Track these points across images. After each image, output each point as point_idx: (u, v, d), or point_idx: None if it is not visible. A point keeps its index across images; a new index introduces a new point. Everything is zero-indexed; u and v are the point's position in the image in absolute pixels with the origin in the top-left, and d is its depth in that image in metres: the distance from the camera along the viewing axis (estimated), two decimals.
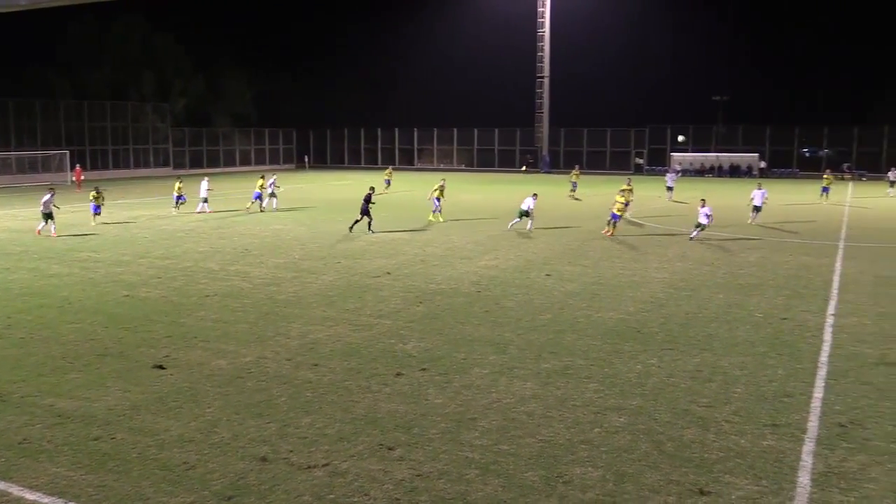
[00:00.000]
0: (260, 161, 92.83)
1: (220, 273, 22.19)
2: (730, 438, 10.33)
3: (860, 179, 72.62)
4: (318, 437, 10.30)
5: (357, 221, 31.16)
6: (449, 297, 19.09)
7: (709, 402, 11.71)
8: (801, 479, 9.13)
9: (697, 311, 17.85)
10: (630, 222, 35.28)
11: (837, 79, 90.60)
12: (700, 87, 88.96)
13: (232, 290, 19.75)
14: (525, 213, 31.83)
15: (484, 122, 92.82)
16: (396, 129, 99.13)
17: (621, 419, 11.00)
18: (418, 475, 9.17)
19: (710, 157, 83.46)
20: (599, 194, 50.29)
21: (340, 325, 16.22)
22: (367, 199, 31.17)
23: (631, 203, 37.94)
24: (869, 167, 77.28)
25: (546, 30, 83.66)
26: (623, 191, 36.38)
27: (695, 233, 29.80)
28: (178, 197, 39.25)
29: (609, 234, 30.70)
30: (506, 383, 12.56)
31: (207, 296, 19.12)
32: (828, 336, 15.66)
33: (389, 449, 9.91)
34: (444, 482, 8.99)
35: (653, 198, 48.43)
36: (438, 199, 35.98)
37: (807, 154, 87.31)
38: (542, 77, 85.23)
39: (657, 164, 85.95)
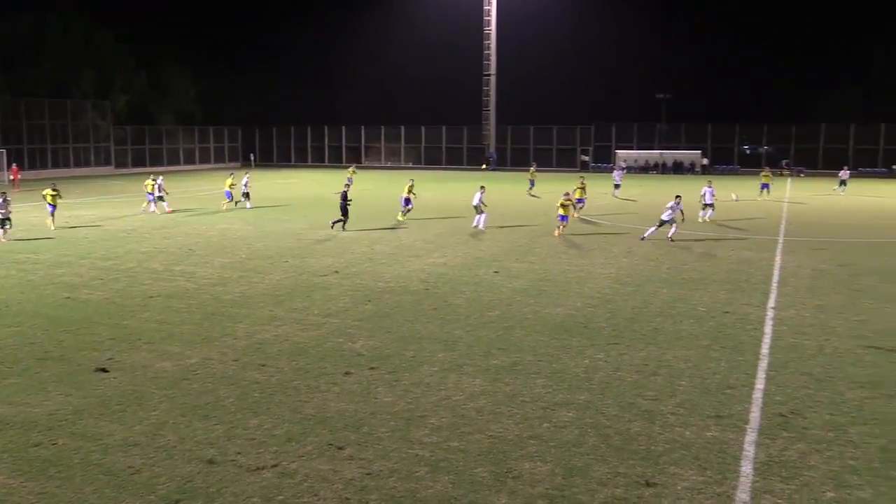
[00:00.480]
0: (204, 160, 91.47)
1: (165, 273, 21.80)
2: (675, 430, 10.50)
3: (798, 176, 74.45)
4: (266, 437, 10.18)
5: (339, 221, 31.19)
6: (398, 296, 19.05)
7: (654, 396, 11.89)
8: (743, 469, 9.32)
9: (643, 305, 18.10)
10: (583, 220, 35.60)
11: (777, 79, 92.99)
12: (644, 86, 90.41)
13: (177, 291, 19.42)
14: (476, 208, 31.89)
15: (432, 119, 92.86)
16: (343, 127, 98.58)
17: (569, 414, 11.10)
18: (368, 474, 9.13)
19: (654, 155, 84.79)
20: (557, 192, 50.70)
21: (288, 325, 16.07)
22: (344, 198, 31.25)
23: (585, 200, 38.38)
24: (806, 164, 79.33)
25: (492, 28, 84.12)
26: (574, 190, 36.61)
27: (650, 230, 29.01)
28: (151, 195, 38.12)
29: (558, 234, 30.08)
30: (455, 380, 12.59)
31: (151, 297, 18.77)
32: (768, 328, 16.02)
33: (339, 448, 9.85)
34: (394, 480, 8.97)
35: (600, 195, 48.95)
36: (408, 200, 35.50)
37: (747, 151, 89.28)
38: (489, 75, 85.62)
39: (603, 161, 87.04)
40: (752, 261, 24.44)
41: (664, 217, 28.53)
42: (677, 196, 29.09)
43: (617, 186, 49.62)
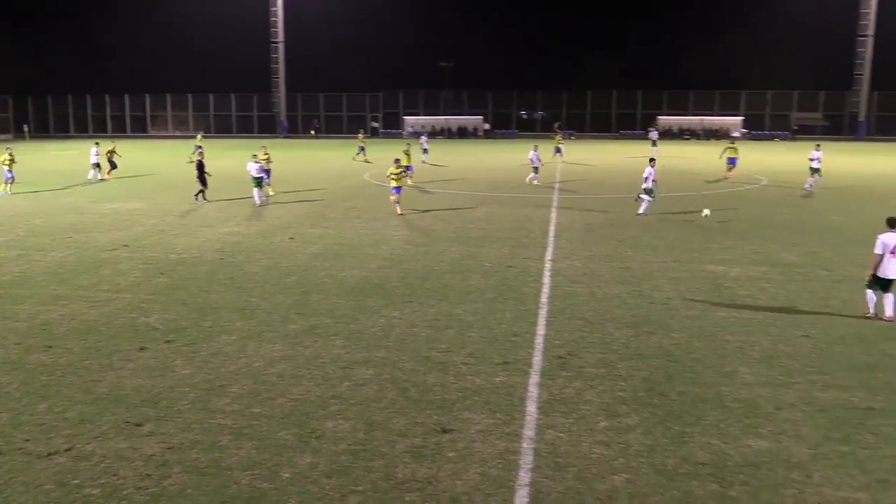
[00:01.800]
0: None
1: None
2: (467, 379, 10.91)
3: (570, 138, 78.84)
4: (57, 422, 9.49)
5: (200, 192, 29.72)
6: (191, 267, 18.30)
7: (447, 348, 12.28)
8: (529, 409, 9.87)
9: (433, 264, 18.56)
10: (417, 188, 35.70)
11: (549, 48, 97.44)
12: (428, 54, 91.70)
13: None
14: (257, 182, 28.83)
15: (220, 87, 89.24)
16: (126, 96, 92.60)
17: (368, 371, 11.23)
18: (169, 448, 8.78)
19: (440, 120, 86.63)
20: (385, 157, 50.44)
21: (75, 303, 14.97)
22: (201, 167, 29.71)
23: (412, 168, 37.18)
24: (576, 127, 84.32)
25: None
26: (397, 160, 35.71)
27: (642, 206, 26.42)
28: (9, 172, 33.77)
29: (400, 211, 26.32)
30: (254, 347, 12.33)
31: None
32: (547, 279, 16.96)
33: (137, 425, 9.39)
34: (196, 451, 8.69)
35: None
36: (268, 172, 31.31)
37: (524, 116, 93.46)
38: (277, 42, 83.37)
39: (391, 127, 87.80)
40: (532, 218, 25.71)
41: (647, 185, 26.36)
42: (652, 160, 27.40)
43: (425, 151, 50.20)
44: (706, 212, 25.91)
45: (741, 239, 21.71)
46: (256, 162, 28.71)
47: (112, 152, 39.88)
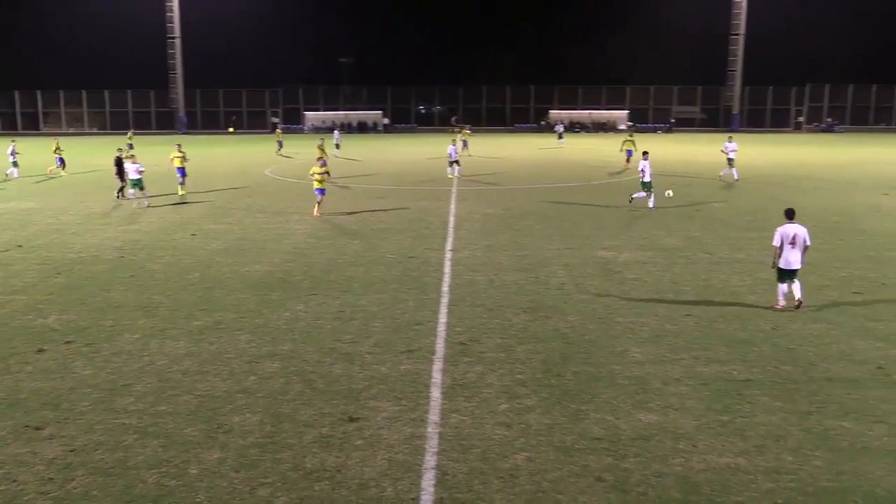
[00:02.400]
0: None
1: None
2: (373, 368, 10.91)
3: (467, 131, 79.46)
4: None
5: (122, 188, 28.77)
6: (90, 266, 17.58)
7: (352, 339, 12.23)
8: (433, 394, 9.96)
9: (337, 257, 18.42)
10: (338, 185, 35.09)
11: (444, 44, 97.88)
12: (328, 50, 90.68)
13: None
14: (135, 183, 26.61)
15: (116, 84, 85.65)
16: (16, 92, 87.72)
17: (275, 364, 11.08)
18: (72, 450, 8.44)
19: (340, 115, 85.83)
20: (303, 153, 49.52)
21: None
22: (119, 163, 28.69)
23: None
24: (472, 121, 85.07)
25: None
26: (321, 160, 34.35)
27: (650, 200, 25.59)
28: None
29: (318, 213, 24.61)
30: (158, 345, 11.97)
31: None
32: (447, 269, 17.11)
33: (37, 429, 8.98)
34: (100, 452, 8.38)
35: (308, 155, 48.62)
36: (183, 170, 30.10)
37: (422, 111, 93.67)
38: (174, 38, 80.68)
39: (292, 122, 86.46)
40: (432, 210, 25.84)
41: (646, 179, 25.62)
42: (645, 153, 26.52)
43: (338, 146, 50.23)
44: (669, 192, 26.86)
45: (629, 226, 22.44)
46: (134, 163, 26.72)
47: (58, 149, 38.31)
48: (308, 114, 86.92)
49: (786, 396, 9.70)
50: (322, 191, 24.82)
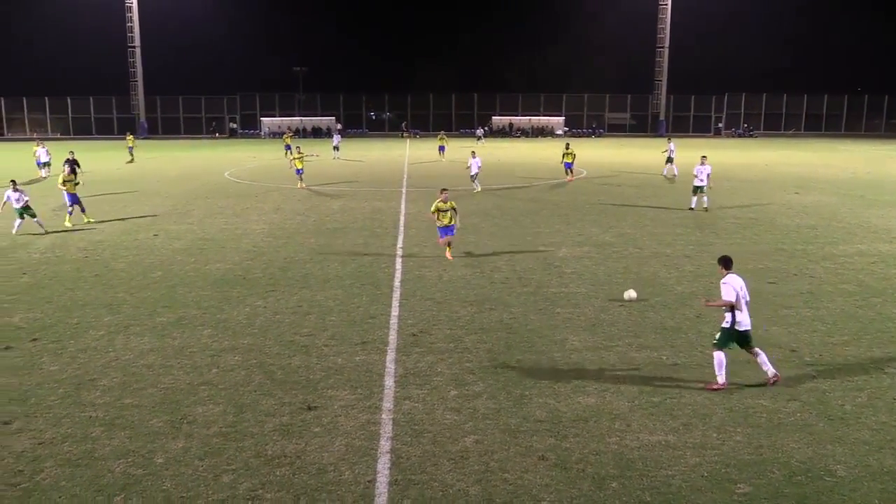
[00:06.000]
0: None
1: None
2: (329, 359, 10.84)
3: (415, 136, 79.48)
4: None
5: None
6: (55, 266, 17.07)
7: (310, 332, 12.13)
8: (387, 383, 9.95)
9: (294, 255, 18.23)
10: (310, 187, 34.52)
11: (392, 53, 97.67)
12: (282, 59, 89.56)
13: None
14: (21, 212, 21.17)
15: (78, 90, 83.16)
16: None
17: (236, 358, 10.93)
18: (40, 443, 8.20)
19: (296, 121, 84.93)
20: (242, 157, 48.36)
21: None
22: (73, 167, 27.51)
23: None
24: (421, 127, 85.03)
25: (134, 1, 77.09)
26: (293, 160, 32.29)
27: (704, 201, 25.04)
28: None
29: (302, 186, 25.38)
30: (123, 341, 11.70)
31: None
32: (399, 265, 17.07)
33: (5, 423, 8.70)
34: (68, 445, 8.16)
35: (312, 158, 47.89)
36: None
37: (373, 117, 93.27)
38: (134, 47, 78.73)
39: (249, 127, 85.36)
40: (383, 210, 25.74)
41: (697, 183, 25.04)
42: (703, 156, 25.71)
43: (336, 149, 50.07)
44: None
45: (566, 223, 22.70)
46: (16, 191, 21.23)
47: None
48: (265, 119, 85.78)
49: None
50: (300, 171, 31.45)
